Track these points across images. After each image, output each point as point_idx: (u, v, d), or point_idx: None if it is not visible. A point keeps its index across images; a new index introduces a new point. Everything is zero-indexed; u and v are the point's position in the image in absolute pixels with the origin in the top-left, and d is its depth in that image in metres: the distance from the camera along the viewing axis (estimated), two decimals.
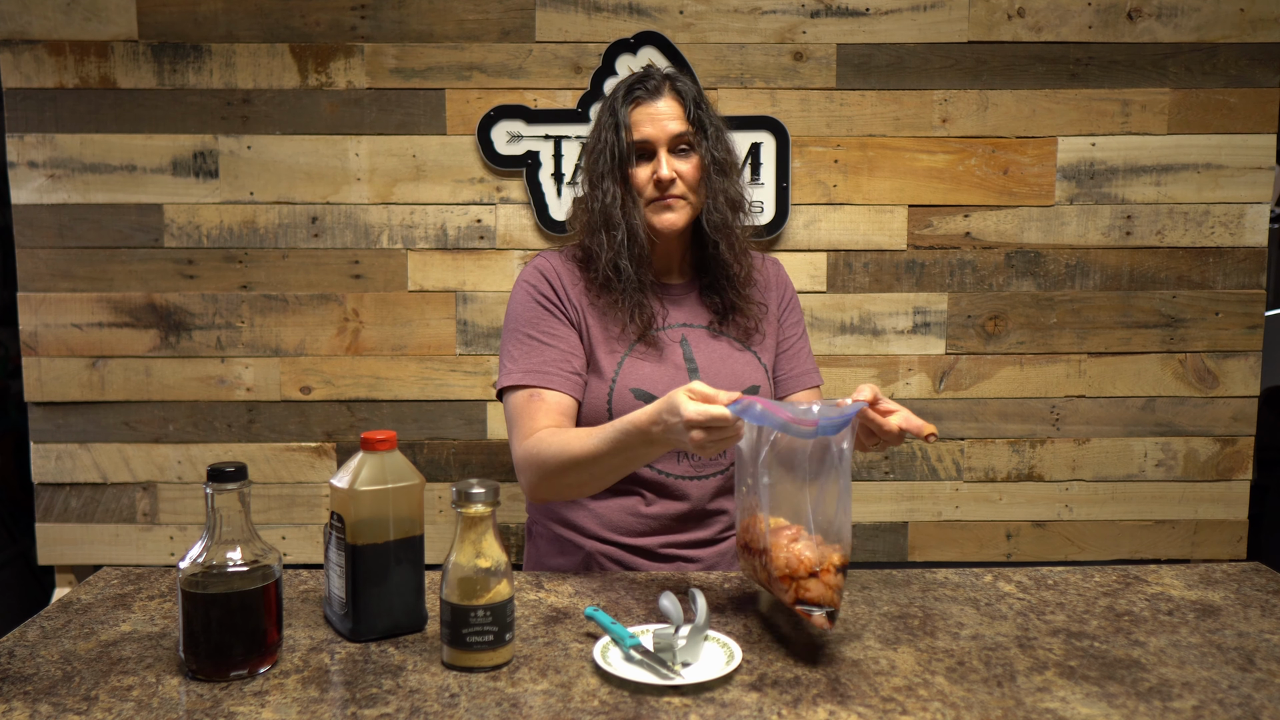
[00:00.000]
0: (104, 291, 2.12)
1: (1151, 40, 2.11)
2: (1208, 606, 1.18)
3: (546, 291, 1.41)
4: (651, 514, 1.40)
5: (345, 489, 1.04)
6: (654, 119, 1.37)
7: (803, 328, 1.56)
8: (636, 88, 1.39)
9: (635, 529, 1.40)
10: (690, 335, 1.43)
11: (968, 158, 2.13)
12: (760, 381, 1.43)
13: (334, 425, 2.16)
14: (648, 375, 1.37)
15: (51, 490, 2.16)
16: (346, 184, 2.11)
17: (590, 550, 1.41)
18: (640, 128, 1.37)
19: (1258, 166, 2.14)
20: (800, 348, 1.54)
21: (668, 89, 1.39)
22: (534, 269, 1.44)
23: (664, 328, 1.43)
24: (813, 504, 1.04)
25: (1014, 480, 2.21)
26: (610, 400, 1.36)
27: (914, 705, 0.91)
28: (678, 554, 1.41)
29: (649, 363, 1.39)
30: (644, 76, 1.41)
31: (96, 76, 2.08)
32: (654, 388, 1.37)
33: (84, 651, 1.03)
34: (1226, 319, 2.17)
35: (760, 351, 1.47)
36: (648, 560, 1.41)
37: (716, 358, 1.42)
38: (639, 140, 1.37)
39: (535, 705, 0.90)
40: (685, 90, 1.40)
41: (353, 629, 1.05)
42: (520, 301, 1.42)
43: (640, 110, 1.37)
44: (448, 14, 2.08)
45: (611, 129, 1.38)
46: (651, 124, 1.37)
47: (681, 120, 1.37)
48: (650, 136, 1.36)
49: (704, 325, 1.45)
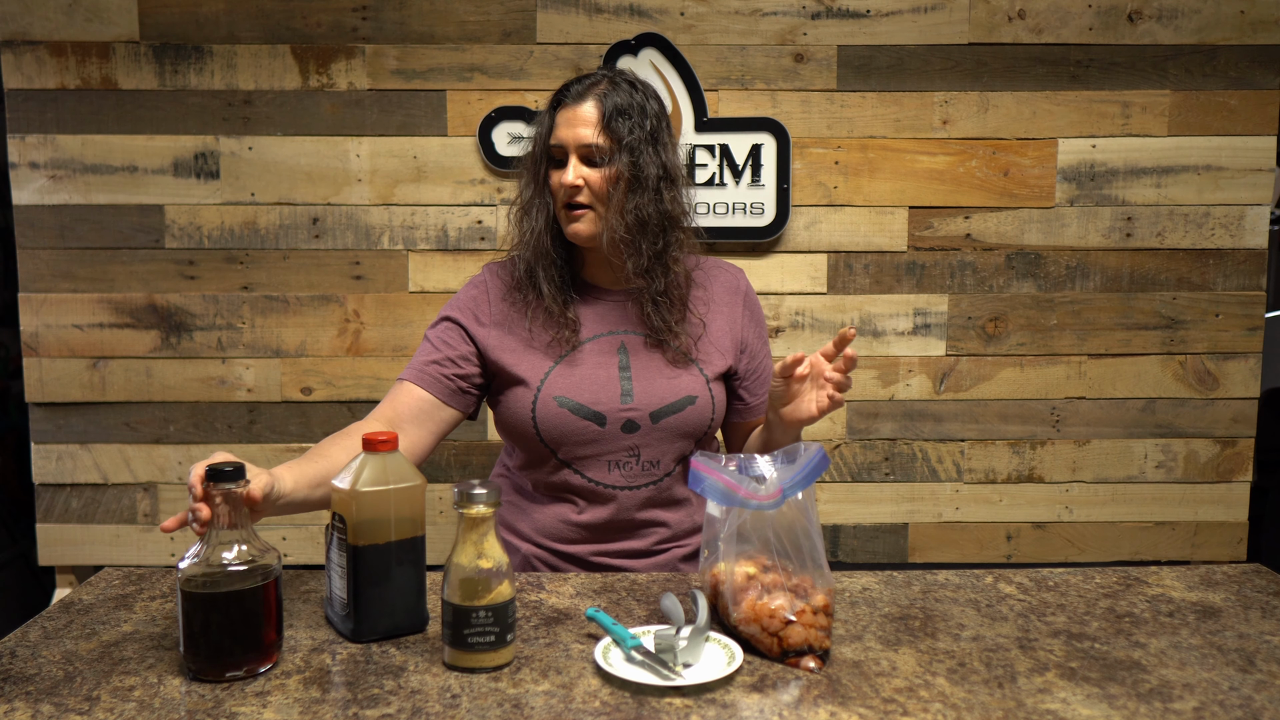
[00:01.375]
0: (105, 292, 2.12)
1: (1152, 42, 2.11)
2: (1208, 608, 1.18)
3: (465, 306, 1.41)
4: (582, 521, 1.38)
5: (347, 490, 1.04)
6: (570, 123, 1.33)
7: (767, 345, 1.51)
8: (567, 90, 1.36)
9: (567, 536, 1.39)
10: (629, 342, 1.39)
11: (968, 159, 2.13)
12: (699, 393, 1.37)
13: (335, 426, 2.16)
14: (574, 384, 1.35)
15: (52, 491, 2.16)
16: (347, 185, 2.12)
17: (526, 554, 1.42)
18: (558, 130, 1.34)
19: (1258, 168, 2.14)
20: (766, 368, 1.49)
21: (592, 95, 1.34)
22: (471, 282, 1.45)
23: (600, 335, 1.39)
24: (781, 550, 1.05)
25: (1014, 481, 2.21)
26: (535, 407, 1.34)
27: (915, 706, 0.91)
28: (609, 563, 1.40)
29: (578, 371, 1.36)
30: (580, 79, 1.37)
31: (98, 77, 2.08)
32: (580, 395, 1.34)
33: (85, 652, 1.03)
34: (1226, 321, 2.17)
35: (704, 363, 1.40)
36: (580, 568, 1.40)
37: (654, 367, 1.38)
38: (554, 144, 1.34)
39: (537, 706, 0.90)
40: (608, 98, 1.33)
41: (354, 630, 1.05)
42: (445, 311, 1.43)
43: (563, 113, 1.34)
44: (449, 15, 2.08)
45: (545, 128, 1.36)
46: (567, 128, 1.33)
47: (594, 129, 1.32)
48: (563, 140, 1.33)
49: (643, 333, 1.40)
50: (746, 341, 1.46)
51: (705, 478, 1.08)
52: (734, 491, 1.05)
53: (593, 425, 1.34)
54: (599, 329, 1.40)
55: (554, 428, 1.34)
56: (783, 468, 1.08)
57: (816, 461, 1.07)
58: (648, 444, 1.36)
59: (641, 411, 1.35)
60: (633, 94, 1.35)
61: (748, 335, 1.46)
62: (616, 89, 1.35)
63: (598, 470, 1.37)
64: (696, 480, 1.08)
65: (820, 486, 2.19)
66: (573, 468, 1.37)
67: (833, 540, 2.22)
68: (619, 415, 1.35)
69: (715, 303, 1.45)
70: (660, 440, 1.36)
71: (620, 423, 1.35)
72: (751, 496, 1.04)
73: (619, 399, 1.35)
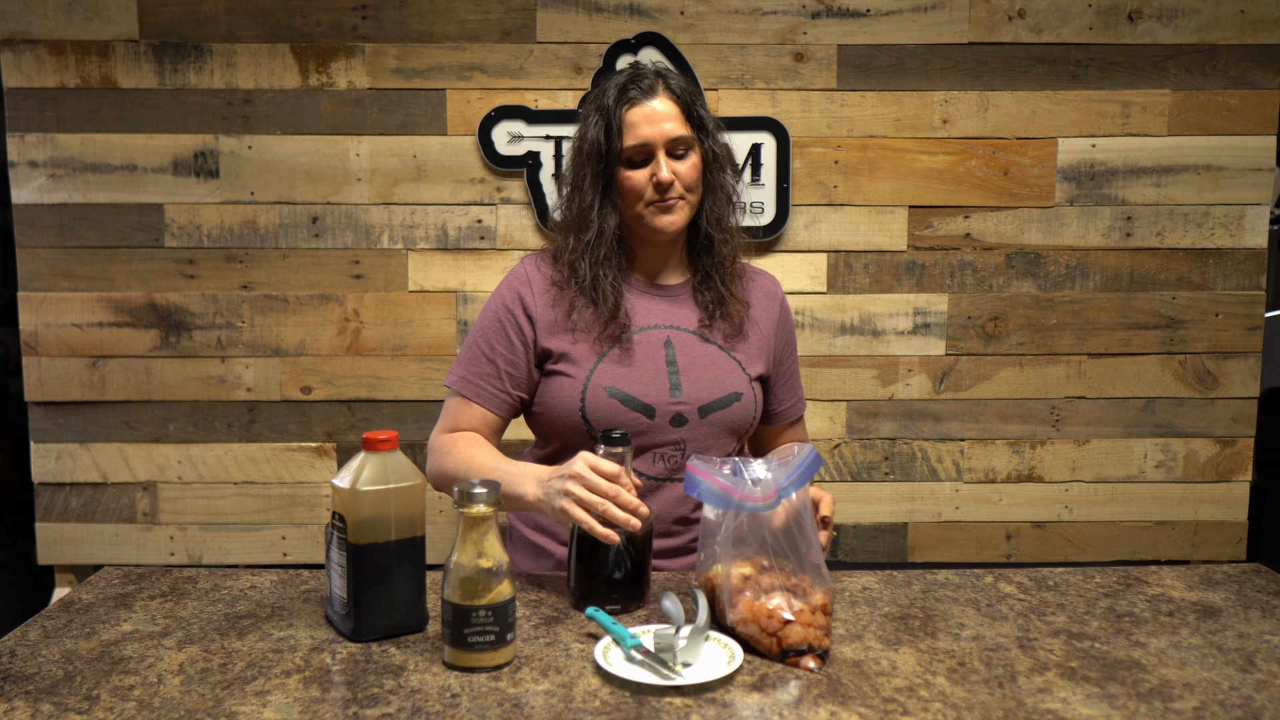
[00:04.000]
0: (104, 291, 2.12)
1: (1152, 41, 2.11)
2: (1208, 608, 1.18)
3: (512, 304, 1.40)
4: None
5: (347, 489, 1.04)
6: (651, 120, 1.33)
7: (796, 354, 1.54)
8: (630, 87, 1.34)
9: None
10: (676, 338, 1.40)
11: (968, 159, 2.13)
12: (743, 390, 1.40)
13: (334, 425, 2.16)
14: (624, 376, 1.35)
15: (52, 490, 2.16)
16: (347, 184, 2.11)
17: (561, 557, 1.41)
18: (637, 130, 1.33)
19: (1258, 168, 2.14)
20: (793, 376, 1.53)
21: (662, 88, 1.34)
22: (513, 276, 1.44)
23: (647, 328, 1.40)
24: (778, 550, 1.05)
25: (1014, 481, 2.21)
26: (584, 396, 1.35)
27: (915, 706, 0.91)
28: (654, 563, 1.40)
29: (626, 364, 1.36)
30: (636, 75, 1.36)
31: (97, 76, 2.08)
32: (630, 388, 1.35)
33: (85, 651, 1.03)
34: (1226, 320, 2.17)
35: (745, 361, 1.43)
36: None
37: (700, 362, 1.39)
38: (636, 144, 1.33)
39: (537, 705, 0.90)
40: (680, 88, 1.36)
41: (354, 629, 1.05)
42: (489, 307, 1.42)
43: (636, 111, 1.33)
44: (449, 14, 2.08)
45: (601, 130, 1.34)
46: (649, 125, 1.32)
47: (679, 121, 1.34)
48: (648, 138, 1.33)
49: (692, 329, 1.42)
50: (779, 351, 1.49)
51: (701, 481, 1.08)
52: (730, 494, 1.05)
53: (642, 417, 1.34)
54: (647, 322, 1.41)
55: (603, 418, 1.34)
56: (777, 469, 1.08)
57: (810, 462, 1.08)
58: (694, 438, 1.37)
59: (690, 406, 1.36)
60: (683, 80, 1.39)
61: (780, 343, 1.49)
62: (674, 77, 1.38)
63: (642, 462, 1.37)
64: (692, 484, 1.08)
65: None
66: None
67: (832, 540, 2.22)
68: (668, 409, 1.35)
69: (755, 307, 1.47)
70: (707, 435, 1.38)
71: (669, 416, 1.35)
72: (747, 499, 1.04)
73: (668, 392, 1.35)
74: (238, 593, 1.21)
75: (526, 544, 1.47)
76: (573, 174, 1.40)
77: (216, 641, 1.05)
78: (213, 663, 1.00)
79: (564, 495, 1.14)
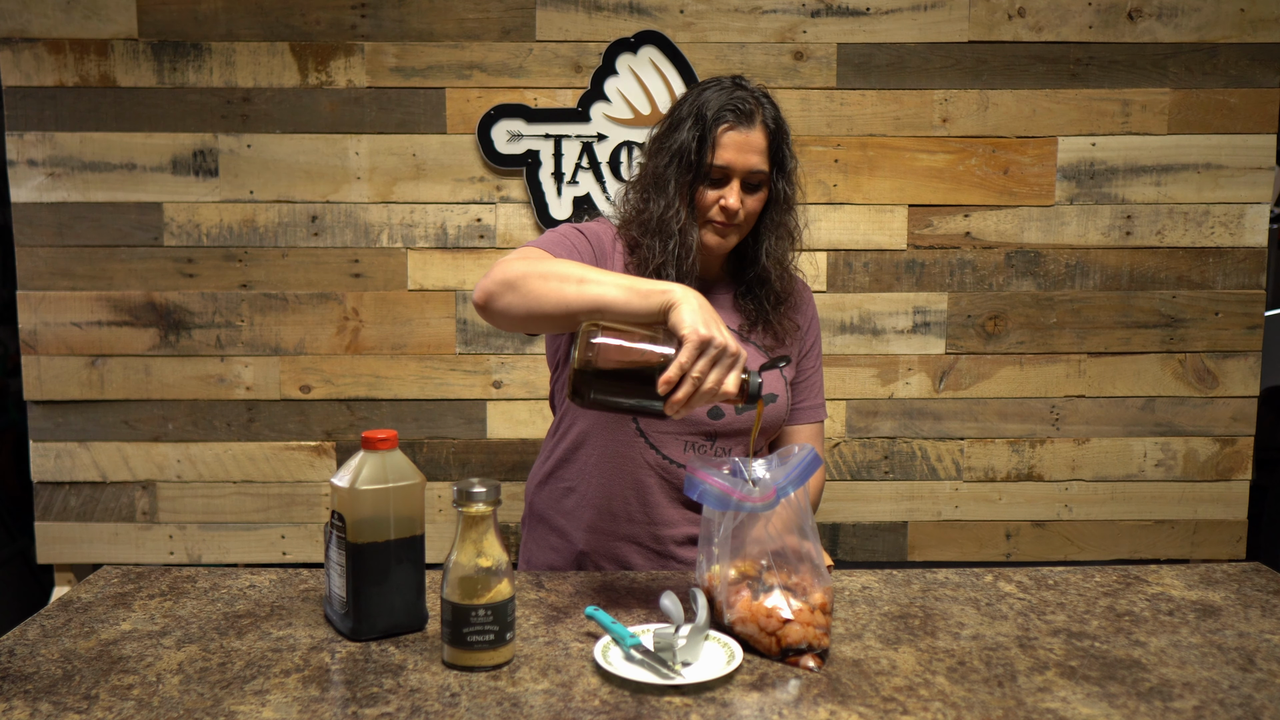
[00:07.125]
0: (103, 290, 2.12)
1: (1152, 40, 2.11)
2: (1208, 607, 1.18)
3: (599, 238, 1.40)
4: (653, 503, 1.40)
5: (346, 488, 1.03)
6: (741, 148, 1.34)
7: (820, 359, 1.57)
8: (730, 109, 1.35)
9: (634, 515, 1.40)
10: None
11: (968, 157, 2.13)
12: (780, 392, 1.43)
13: (333, 424, 2.16)
14: None
15: (51, 489, 2.16)
16: (346, 183, 2.11)
17: (583, 549, 1.42)
18: (724, 153, 1.34)
19: (1257, 167, 2.14)
20: (815, 379, 1.55)
21: (760, 118, 1.36)
22: (590, 225, 1.43)
23: None
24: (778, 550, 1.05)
25: (1014, 480, 2.21)
26: None
27: (915, 705, 0.91)
28: (673, 551, 1.41)
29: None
30: (739, 96, 1.36)
31: (96, 75, 2.08)
32: None
33: (84, 650, 1.03)
34: (1226, 319, 2.17)
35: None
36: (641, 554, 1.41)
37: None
38: (720, 165, 1.34)
39: (536, 705, 0.90)
40: (774, 120, 1.38)
41: (353, 628, 1.05)
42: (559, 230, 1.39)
43: (731, 134, 1.34)
44: (448, 13, 2.08)
45: (695, 140, 1.35)
46: (737, 151, 1.34)
47: (763, 156, 1.36)
48: (732, 163, 1.34)
49: (734, 328, 1.44)
50: (804, 361, 1.52)
51: (700, 483, 1.08)
52: (729, 495, 1.05)
53: None
54: None
55: None
56: (776, 469, 1.08)
57: (808, 462, 1.08)
58: (728, 433, 1.39)
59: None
60: (778, 114, 1.40)
61: (805, 352, 1.52)
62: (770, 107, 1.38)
63: (673, 449, 1.39)
64: (692, 485, 1.08)
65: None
66: (648, 440, 1.38)
67: (832, 539, 2.22)
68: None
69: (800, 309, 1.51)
70: (739, 430, 1.39)
71: (708, 407, 1.36)
72: (746, 499, 1.04)
73: None
74: (237, 592, 1.21)
75: (545, 533, 1.47)
76: (653, 172, 1.40)
77: (215, 641, 1.05)
78: (212, 662, 1.00)
79: (710, 341, 1.04)
